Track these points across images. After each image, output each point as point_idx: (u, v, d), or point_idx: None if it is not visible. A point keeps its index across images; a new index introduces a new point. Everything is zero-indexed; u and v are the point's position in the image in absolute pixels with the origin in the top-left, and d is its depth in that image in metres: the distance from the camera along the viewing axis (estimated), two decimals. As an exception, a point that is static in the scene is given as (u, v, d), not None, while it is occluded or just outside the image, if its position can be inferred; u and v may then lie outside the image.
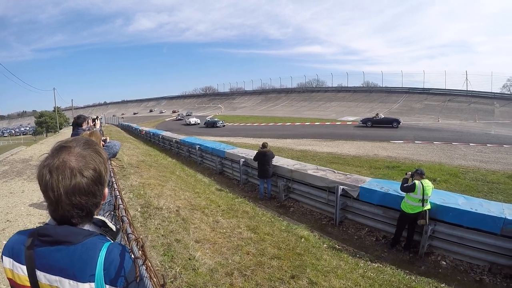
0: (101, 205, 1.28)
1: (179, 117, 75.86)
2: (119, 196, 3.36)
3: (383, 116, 38.73)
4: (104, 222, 1.32)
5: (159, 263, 5.00)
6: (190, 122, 60.42)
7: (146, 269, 1.62)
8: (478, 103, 58.42)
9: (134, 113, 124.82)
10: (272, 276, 5.37)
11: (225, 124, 51.99)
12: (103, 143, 4.41)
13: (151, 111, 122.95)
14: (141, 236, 5.70)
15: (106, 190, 1.29)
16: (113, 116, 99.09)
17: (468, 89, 67.33)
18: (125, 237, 2.33)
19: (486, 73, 69.93)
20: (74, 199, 1.14)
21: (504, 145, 23.12)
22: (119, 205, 3.01)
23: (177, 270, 4.90)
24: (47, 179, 1.12)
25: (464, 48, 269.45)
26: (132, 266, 1.24)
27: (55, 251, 1.13)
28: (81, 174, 1.15)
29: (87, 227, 1.23)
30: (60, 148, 1.19)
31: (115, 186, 3.85)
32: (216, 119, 54.43)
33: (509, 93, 69.23)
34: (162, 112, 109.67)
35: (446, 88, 70.25)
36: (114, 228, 1.35)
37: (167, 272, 4.83)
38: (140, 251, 1.80)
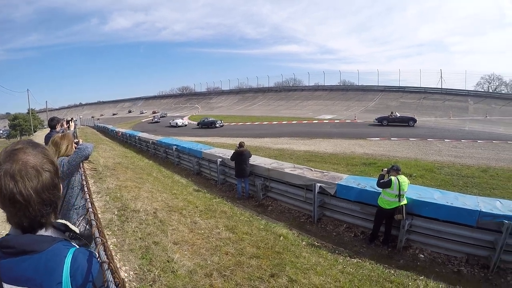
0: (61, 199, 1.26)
1: (155, 120, 68.85)
2: (89, 200, 3.28)
3: (398, 115, 37.82)
4: (66, 225, 1.28)
5: (137, 267, 4.92)
6: (177, 123, 53.04)
7: (112, 274, 1.58)
8: (453, 100, 60.13)
9: (114, 114, 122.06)
10: (252, 275, 5.34)
11: (223, 124, 48.09)
12: (76, 145, 4.32)
13: (129, 111, 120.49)
14: (114, 240, 5.63)
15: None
16: (92, 117, 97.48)
17: (442, 87, 69.12)
18: (94, 241, 2.29)
19: (461, 72, 72.32)
20: (44, 195, 1.13)
21: (478, 141, 23.84)
22: (88, 208, 2.94)
23: (156, 273, 4.83)
24: (11, 187, 1.07)
25: (440, 47, 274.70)
26: (100, 271, 1.22)
27: (20, 261, 1.09)
28: (43, 169, 1.15)
29: (50, 232, 1.20)
30: (13, 152, 1.15)
31: (86, 190, 3.77)
32: (212, 119, 49.44)
33: (482, 90, 71.39)
34: (143, 113, 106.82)
35: (422, 86, 72.11)
36: (77, 230, 1.32)
37: (146, 275, 4.76)
38: (105, 255, 1.77)
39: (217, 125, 46.76)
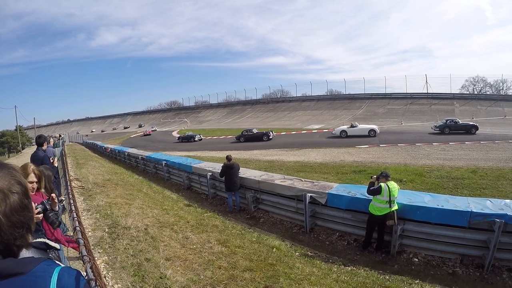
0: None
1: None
2: (76, 218, 3.23)
3: None
4: (46, 244, 1.26)
5: (130, 284, 4.86)
6: (373, 130, 33.93)
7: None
8: (439, 104, 61.03)
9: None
10: (246, 288, 5.31)
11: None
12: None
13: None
14: (105, 257, 5.57)
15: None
16: (89, 133, 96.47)
17: (428, 92, 70.04)
18: (81, 259, 2.26)
19: (445, 76, 73.55)
20: (13, 218, 1.09)
21: (466, 142, 24.16)
22: (75, 227, 2.90)
23: (149, 290, 4.78)
24: None
25: (423, 53, 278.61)
26: None
27: (5, 284, 1.05)
28: (11, 191, 1.11)
29: (31, 253, 1.18)
30: None
31: (73, 208, 3.70)
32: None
33: (468, 93, 72.56)
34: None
35: (408, 92, 72.82)
36: (58, 247, 1.30)
37: (138, 292, 4.71)
38: (92, 273, 1.75)
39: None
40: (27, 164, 3.60)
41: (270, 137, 38.52)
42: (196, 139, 48.33)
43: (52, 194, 3.27)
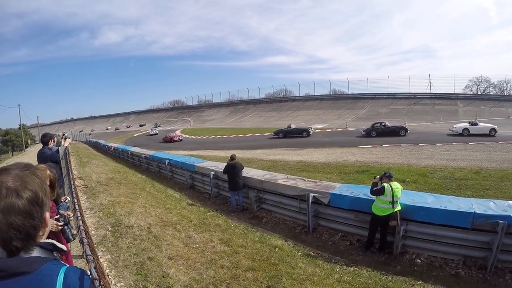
0: (41, 230, 1.21)
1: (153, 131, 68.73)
2: (80, 217, 3.24)
3: None
4: (54, 244, 1.27)
5: (132, 283, 4.86)
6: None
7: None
8: (442, 105, 60.88)
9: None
10: (248, 288, 5.31)
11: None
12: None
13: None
14: (108, 256, 5.58)
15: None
16: (91, 131, 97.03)
17: (432, 92, 69.84)
18: (85, 259, 2.26)
19: (449, 76, 73.57)
20: (9, 218, 1.09)
21: (470, 143, 24.11)
22: (79, 226, 2.91)
23: (151, 288, 4.79)
24: None
25: (427, 53, 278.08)
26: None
27: (12, 283, 1.07)
28: (17, 193, 1.12)
29: (38, 252, 1.19)
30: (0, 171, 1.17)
31: (77, 207, 3.71)
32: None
33: (471, 93, 72.31)
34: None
35: (411, 92, 72.67)
36: (64, 248, 1.31)
37: (141, 291, 4.72)
38: (96, 272, 1.75)
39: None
40: (46, 168, 3.62)
41: (408, 131, 34.31)
42: (310, 132, 40.10)
43: (68, 212, 3.32)
